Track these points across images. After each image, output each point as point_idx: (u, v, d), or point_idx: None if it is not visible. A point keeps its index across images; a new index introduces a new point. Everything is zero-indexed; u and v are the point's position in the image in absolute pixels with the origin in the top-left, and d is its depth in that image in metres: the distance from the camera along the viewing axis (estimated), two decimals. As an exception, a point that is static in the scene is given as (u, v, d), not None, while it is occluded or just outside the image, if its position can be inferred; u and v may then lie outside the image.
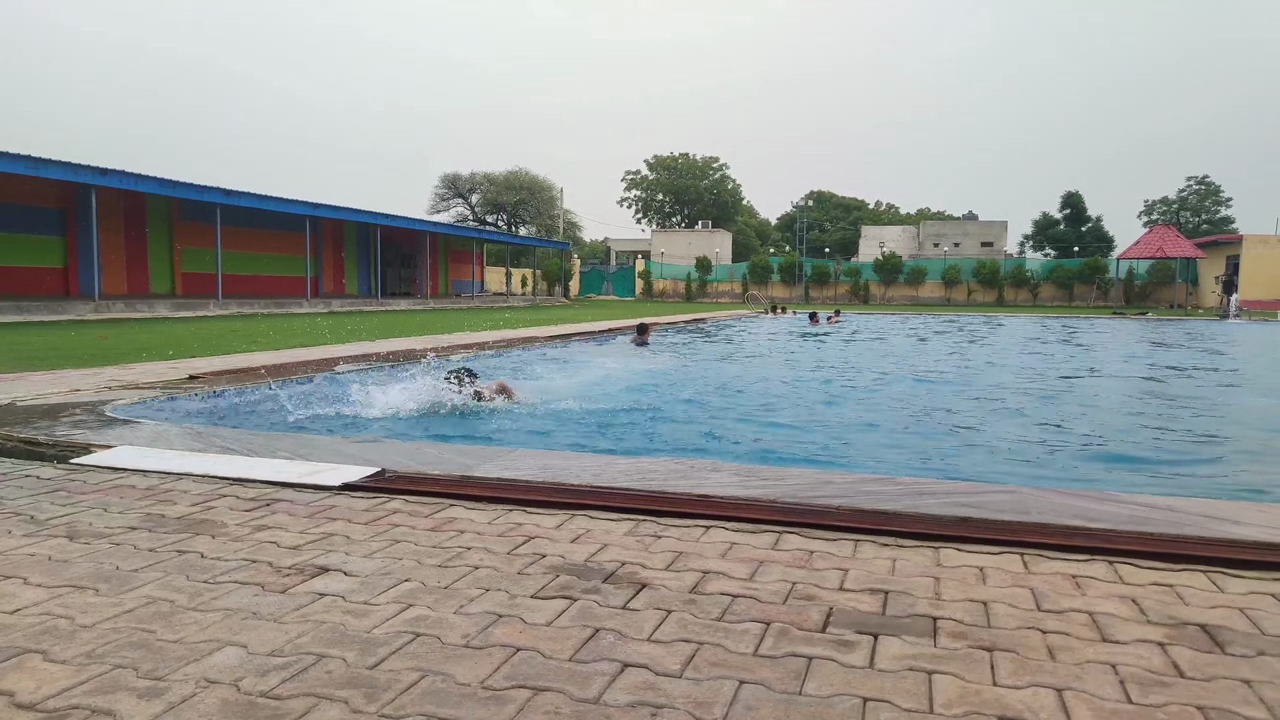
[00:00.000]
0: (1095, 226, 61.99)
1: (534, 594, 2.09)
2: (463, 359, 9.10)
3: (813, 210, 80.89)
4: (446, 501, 2.97)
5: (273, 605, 2.00)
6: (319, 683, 1.60)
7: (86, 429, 4.18)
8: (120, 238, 24.33)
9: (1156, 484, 4.60)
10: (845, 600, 2.07)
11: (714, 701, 1.55)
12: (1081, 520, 2.68)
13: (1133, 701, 1.56)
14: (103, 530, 2.60)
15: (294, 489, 3.15)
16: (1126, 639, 1.85)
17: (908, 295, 46.14)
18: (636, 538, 2.57)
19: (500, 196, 63.34)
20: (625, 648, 1.78)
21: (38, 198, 21.53)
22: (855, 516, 2.73)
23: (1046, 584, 2.19)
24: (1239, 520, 2.71)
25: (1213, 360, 13.19)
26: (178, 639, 1.80)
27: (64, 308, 18.33)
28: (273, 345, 10.65)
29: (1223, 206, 73.48)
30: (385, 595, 2.07)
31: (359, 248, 34.09)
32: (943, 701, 1.56)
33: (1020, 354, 13.77)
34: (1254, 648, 1.81)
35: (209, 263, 25.00)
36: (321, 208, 27.20)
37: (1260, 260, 37.57)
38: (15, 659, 1.70)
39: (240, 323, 17.02)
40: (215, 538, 2.54)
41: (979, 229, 66.23)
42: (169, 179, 21.55)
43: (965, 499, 2.94)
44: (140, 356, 8.66)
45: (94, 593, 2.07)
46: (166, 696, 1.54)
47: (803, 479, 3.26)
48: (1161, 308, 38.46)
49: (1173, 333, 20.59)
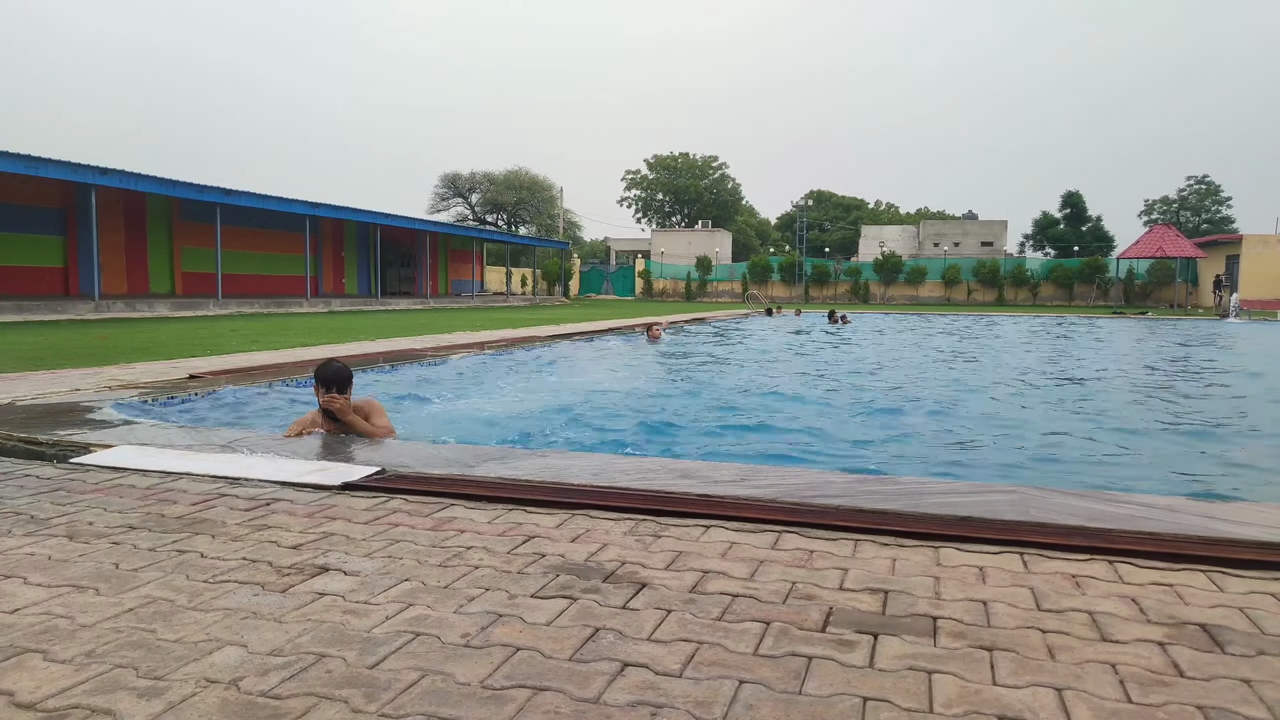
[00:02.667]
0: (1095, 226, 61.97)
1: (534, 593, 2.09)
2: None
3: (813, 210, 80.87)
4: (447, 501, 2.97)
5: (273, 605, 2.00)
6: (319, 682, 1.60)
7: (86, 428, 4.18)
8: (120, 237, 24.32)
9: (1157, 484, 4.60)
10: (845, 600, 2.07)
11: (714, 701, 1.55)
12: (1081, 520, 2.68)
13: (1133, 701, 1.56)
14: (103, 530, 2.60)
15: (294, 488, 3.15)
16: (1126, 638, 1.85)
17: (908, 295, 46.13)
18: (636, 537, 2.57)
19: (500, 196, 63.33)
20: (625, 647, 1.78)
21: (38, 197, 21.52)
22: (855, 516, 2.73)
23: (1046, 583, 2.19)
24: (1239, 520, 2.71)
25: (1212, 360, 13.18)
26: (178, 638, 1.80)
27: (64, 307, 18.33)
28: (272, 345, 10.65)
29: (1223, 206, 73.46)
30: (385, 595, 2.07)
31: (359, 247, 34.08)
32: (943, 701, 1.56)
33: (1020, 354, 13.76)
34: (1254, 647, 1.81)
35: (209, 262, 25.01)
36: (321, 207, 27.19)
37: (1260, 260, 37.55)
38: (15, 658, 1.70)
39: (240, 322, 17.02)
40: (215, 537, 2.54)
41: (979, 228, 66.18)
42: (169, 178, 21.54)
43: (965, 499, 2.94)
44: (140, 356, 8.66)
45: (94, 592, 2.07)
46: (166, 696, 1.54)
47: (803, 479, 3.26)
48: (1161, 307, 38.46)
49: (1172, 333, 20.58)
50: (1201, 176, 74.68)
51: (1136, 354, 13.99)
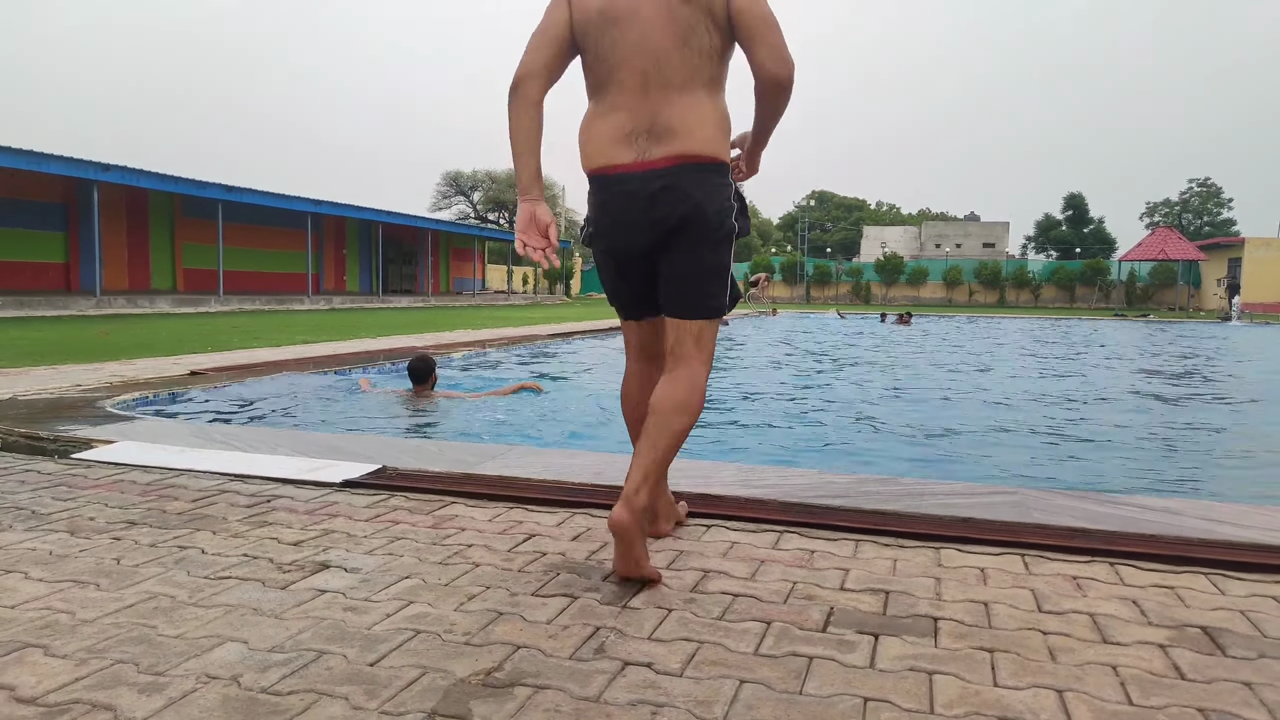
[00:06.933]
0: (1097, 228, 61.96)
1: (534, 592, 2.09)
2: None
3: (814, 210, 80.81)
4: (447, 499, 2.97)
5: (273, 601, 2.00)
6: (319, 679, 1.60)
7: (88, 424, 4.18)
8: (122, 233, 24.35)
9: (1157, 486, 4.60)
10: (846, 600, 2.07)
11: (714, 700, 1.55)
12: (1083, 522, 2.68)
13: (1133, 703, 1.56)
14: (104, 525, 2.60)
15: (295, 485, 3.15)
16: (1127, 640, 1.85)
17: (909, 296, 46.13)
18: (637, 536, 2.57)
19: (502, 194, 63.35)
20: (626, 646, 1.78)
21: (40, 193, 21.54)
22: (856, 517, 2.73)
23: (1047, 585, 2.19)
24: (1240, 523, 2.70)
25: (1213, 362, 13.18)
26: (178, 634, 1.80)
27: (65, 303, 18.34)
28: (274, 342, 10.66)
29: (1224, 209, 73.44)
30: (386, 592, 2.07)
31: (360, 245, 34.09)
32: (943, 702, 1.56)
33: (1020, 355, 13.76)
34: (1255, 650, 1.81)
35: (210, 259, 25.02)
36: (323, 204, 27.21)
37: (1262, 263, 37.53)
38: (16, 653, 1.70)
39: (242, 319, 17.03)
40: (216, 533, 2.54)
41: (981, 230, 66.16)
42: (171, 175, 21.56)
43: (966, 500, 2.94)
44: (142, 352, 8.66)
45: (95, 588, 2.07)
46: (167, 691, 1.54)
47: (804, 479, 3.26)
48: (1163, 310, 38.43)
49: (1173, 335, 20.58)
50: (1203, 179, 74.70)
51: (1137, 355, 13.98)
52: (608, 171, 2.22)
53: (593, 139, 2.25)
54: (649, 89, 2.14)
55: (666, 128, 2.14)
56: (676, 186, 2.15)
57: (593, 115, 2.26)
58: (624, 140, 2.18)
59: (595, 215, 2.31)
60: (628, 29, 2.13)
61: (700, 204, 2.16)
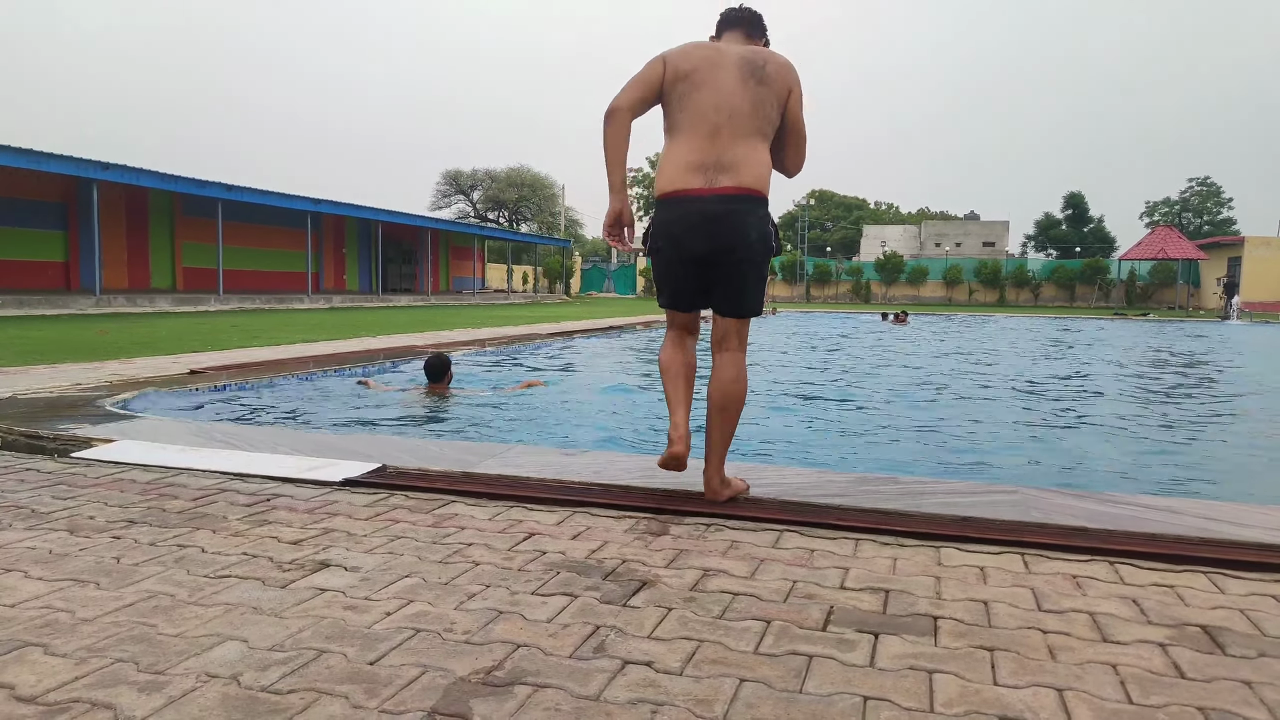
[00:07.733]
0: (1097, 227, 61.97)
1: (535, 590, 2.09)
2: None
3: (814, 209, 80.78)
4: (447, 498, 2.97)
5: (273, 600, 2.00)
6: (319, 678, 1.60)
7: (87, 423, 4.18)
8: (122, 232, 24.33)
9: (1157, 485, 4.60)
10: (846, 599, 2.07)
11: (714, 699, 1.55)
12: (1082, 521, 2.68)
13: (1133, 702, 1.56)
14: (104, 524, 2.60)
15: (295, 484, 3.15)
16: (1127, 639, 1.85)
17: (909, 295, 46.12)
18: (637, 535, 2.57)
19: (502, 193, 63.31)
20: (626, 645, 1.78)
21: (39, 192, 21.52)
22: (856, 516, 2.73)
23: (1047, 584, 2.19)
24: (1240, 522, 2.70)
25: (1212, 362, 13.18)
26: (178, 633, 1.80)
27: (65, 302, 18.33)
28: (274, 341, 10.66)
29: (1224, 208, 73.42)
30: (386, 591, 2.07)
31: (360, 244, 34.07)
32: (943, 700, 1.56)
33: (1020, 355, 13.77)
34: (1254, 649, 1.81)
35: (210, 258, 25.00)
36: (323, 203, 27.17)
37: (1262, 262, 37.53)
38: (16, 652, 1.70)
39: (241, 318, 17.02)
40: (216, 532, 2.54)
41: (981, 229, 66.16)
42: (170, 174, 21.53)
43: (966, 499, 2.94)
44: (141, 351, 8.66)
45: (95, 586, 2.07)
46: (167, 690, 1.54)
47: (804, 478, 3.26)
48: (1163, 309, 38.43)
49: (1173, 334, 20.58)
50: (1203, 178, 74.67)
51: (1138, 355, 13.98)
52: (681, 194, 2.79)
53: (670, 168, 2.83)
54: (719, 136, 2.76)
55: (731, 163, 2.76)
56: (734, 213, 2.75)
57: (670, 150, 2.84)
58: (696, 170, 2.77)
59: (663, 229, 2.86)
60: (712, 93, 2.76)
61: (748, 232, 2.77)
